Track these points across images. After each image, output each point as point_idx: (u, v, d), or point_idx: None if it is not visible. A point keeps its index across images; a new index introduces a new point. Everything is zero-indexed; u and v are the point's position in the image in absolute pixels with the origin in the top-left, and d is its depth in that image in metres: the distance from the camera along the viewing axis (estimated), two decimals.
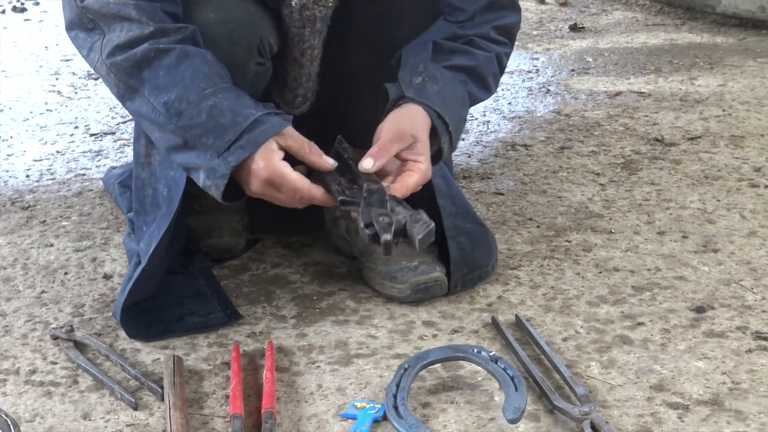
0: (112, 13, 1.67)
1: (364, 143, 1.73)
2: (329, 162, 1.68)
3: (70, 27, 1.74)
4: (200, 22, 1.74)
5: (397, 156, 1.69)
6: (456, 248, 1.88)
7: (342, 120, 2.03)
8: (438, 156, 1.81)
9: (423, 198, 1.88)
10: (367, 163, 1.65)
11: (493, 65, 1.90)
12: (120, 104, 2.14)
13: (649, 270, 2.01)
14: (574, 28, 4.47)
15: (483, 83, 1.89)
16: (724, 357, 1.68)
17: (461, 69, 1.84)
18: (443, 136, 1.77)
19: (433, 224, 1.54)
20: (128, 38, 1.66)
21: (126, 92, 1.70)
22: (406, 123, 1.71)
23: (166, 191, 1.85)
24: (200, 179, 1.67)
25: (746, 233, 2.17)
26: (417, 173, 1.67)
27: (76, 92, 3.50)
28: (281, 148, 1.64)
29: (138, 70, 1.66)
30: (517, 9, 1.96)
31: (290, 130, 1.66)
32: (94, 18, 1.69)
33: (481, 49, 1.87)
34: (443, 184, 1.91)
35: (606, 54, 3.96)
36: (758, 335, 1.74)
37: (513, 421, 1.44)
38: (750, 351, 1.70)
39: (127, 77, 1.68)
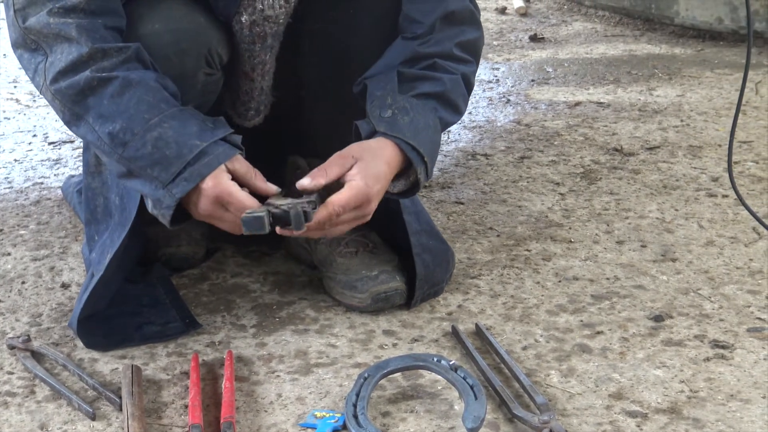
0: (53, 34, 1.63)
1: (319, 153, 1.73)
2: (273, 188, 1.68)
3: (15, 46, 1.71)
4: (147, 33, 1.72)
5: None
6: (421, 265, 1.88)
7: (296, 130, 2.03)
8: (415, 187, 1.80)
9: (389, 215, 1.88)
10: (303, 182, 1.65)
11: (460, 87, 1.87)
12: None
13: (608, 279, 2.02)
14: (535, 38, 4.49)
15: (453, 107, 1.87)
16: (682, 365, 1.69)
17: (430, 96, 1.81)
18: (418, 167, 1.75)
19: (308, 208, 1.58)
20: (69, 62, 1.62)
21: (71, 118, 1.67)
22: (354, 148, 1.71)
23: (119, 200, 1.84)
24: (148, 205, 1.67)
25: (704, 242, 2.19)
26: (347, 189, 1.65)
27: (34, 100, 3.47)
28: (229, 171, 1.64)
29: (82, 98, 1.63)
30: (478, 25, 1.93)
31: (237, 158, 1.65)
32: (36, 39, 1.65)
33: (446, 72, 1.84)
34: (408, 202, 1.90)
35: (566, 64, 3.99)
36: (716, 344, 1.76)
37: (473, 430, 1.44)
38: (708, 359, 1.71)
39: (72, 104, 1.65)
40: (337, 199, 1.63)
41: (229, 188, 1.61)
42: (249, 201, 1.62)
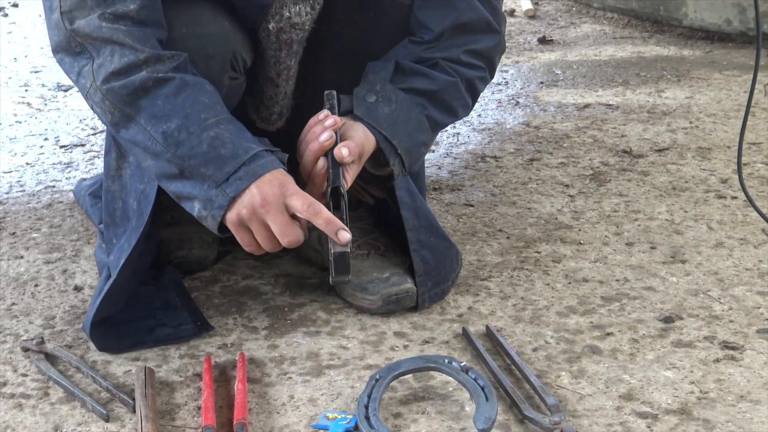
0: (104, 38, 1.63)
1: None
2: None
3: (56, 50, 1.71)
4: (174, 37, 1.73)
5: None
6: (420, 262, 1.89)
7: None
8: (389, 178, 1.83)
9: (389, 210, 1.89)
10: (343, 152, 1.69)
11: (458, 90, 1.86)
12: (99, 120, 2.10)
13: (617, 281, 2.02)
14: (543, 40, 4.50)
15: (446, 108, 1.86)
16: (692, 367, 1.69)
17: (420, 92, 1.82)
18: (391, 158, 1.78)
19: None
20: (123, 64, 1.63)
21: (121, 120, 1.67)
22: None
23: (136, 205, 1.85)
24: (195, 209, 1.66)
25: (713, 244, 2.19)
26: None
27: (45, 104, 3.49)
28: None
29: (135, 98, 1.64)
30: (495, 31, 1.90)
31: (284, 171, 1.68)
32: (82, 41, 1.65)
33: (445, 73, 1.84)
34: (407, 197, 1.90)
35: (574, 66, 3.99)
36: (725, 345, 1.76)
37: (484, 431, 1.44)
38: (717, 360, 1.71)
39: (123, 105, 1.65)
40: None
41: (287, 181, 1.65)
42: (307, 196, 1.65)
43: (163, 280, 1.98)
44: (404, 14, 1.88)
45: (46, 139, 3.04)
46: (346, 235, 1.60)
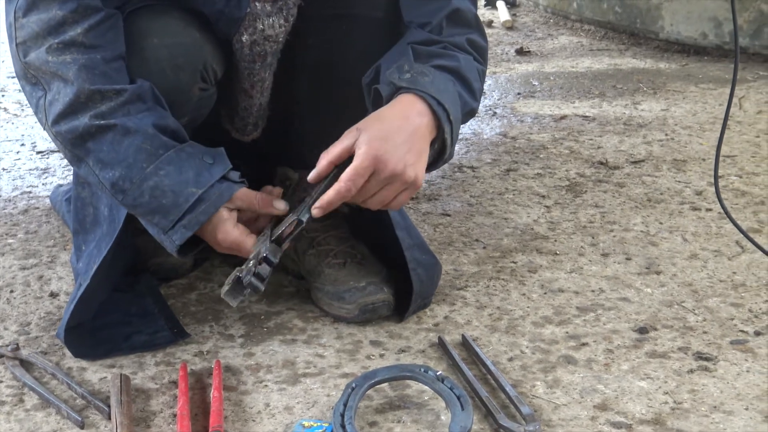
0: (51, 72, 1.64)
1: (307, 163, 1.73)
2: (281, 207, 1.73)
3: (18, 77, 1.72)
4: (144, 46, 1.73)
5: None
6: (417, 280, 1.88)
7: (286, 142, 2.04)
8: (441, 153, 1.77)
9: (381, 229, 1.89)
10: (312, 174, 1.70)
11: (474, 70, 1.83)
12: None
13: (593, 291, 2.03)
14: (521, 52, 4.52)
15: (468, 87, 1.81)
16: (666, 377, 1.70)
17: (445, 69, 1.77)
18: (445, 125, 1.71)
19: (248, 280, 1.64)
20: (67, 104, 1.63)
21: (72, 159, 1.70)
22: (360, 123, 1.69)
23: (107, 211, 1.85)
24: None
25: (688, 255, 2.21)
26: (354, 160, 1.64)
27: (22, 109, 3.48)
28: (231, 210, 1.69)
29: (82, 142, 1.65)
30: (483, 35, 1.90)
31: (236, 195, 1.69)
32: (35, 74, 1.66)
33: (460, 51, 1.82)
34: (398, 217, 1.91)
35: (551, 78, 4.01)
36: (699, 356, 1.77)
37: None
38: (691, 371, 1.72)
39: (72, 147, 1.66)
40: (344, 174, 1.64)
41: (236, 239, 1.69)
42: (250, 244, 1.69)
43: (140, 287, 1.97)
44: (376, 27, 1.87)
45: (22, 144, 3.03)
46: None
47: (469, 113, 1.85)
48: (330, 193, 1.64)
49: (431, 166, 1.78)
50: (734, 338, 1.84)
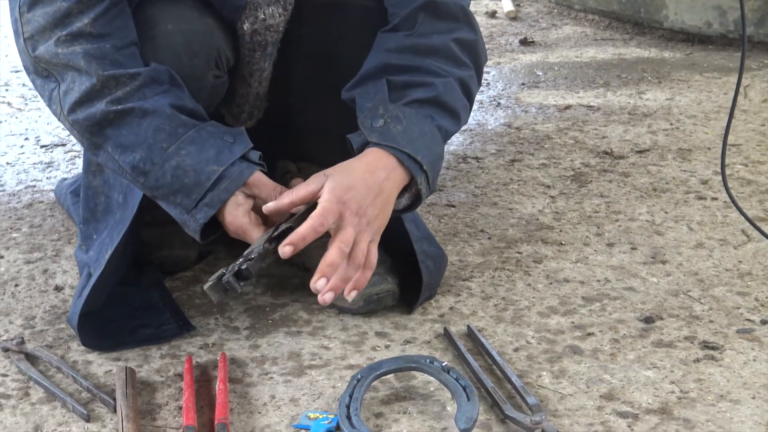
0: (62, 64, 1.64)
1: (306, 156, 1.73)
2: (285, 201, 1.68)
3: (27, 72, 1.72)
4: (159, 33, 1.74)
5: None
6: (426, 273, 1.88)
7: (286, 134, 2.04)
8: (417, 199, 1.75)
9: (390, 222, 1.89)
10: (269, 205, 1.66)
11: (455, 91, 1.77)
12: None
13: (598, 281, 2.03)
14: (525, 42, 4.50)
15: (450, 112, 1.77)
16: (672, 366, 1.70)
17: (422, 102, 1.73)
18: (418, 176, 1.69)
19: (226, 279, 1.60)
20: (83, 92, 1.63)
21: (90, 147, 1.70)
22: (331, 168, 1.66)
23: (122, 198, 1.85)
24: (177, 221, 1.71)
25: (694, 245, 2.20)
26: (315, 211, 1.61)
27: (26, 103, 3.47)
28: (248, 196, 1.67)
29: (100, 129, 1.65)
30: (473, 28, 1.84)
31: (255, 178, 1.67)
32: (46, 67, 1.66)
33: (438, 76, 1.75)
34: None
35: (556, 68, 4.00)
36: (705, 345, 1.77)
37: (465, 431, 1.45)
38: (698, 360, 1.72)
39: (90, 135, 1.67)
40: (301, 227, 1.59)
41: (244, 226, 1.66)
42: (256, 235, 1.66)
43: (145, 281, 1.97)
44: (369, 16, 1.85)
45: (26, 138, 3.03)
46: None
47: (455, 132, 1.84)
48: (305, 227, 1.59)
49: (411, 207, 1.78)
50: (740, 327, 1.84)
